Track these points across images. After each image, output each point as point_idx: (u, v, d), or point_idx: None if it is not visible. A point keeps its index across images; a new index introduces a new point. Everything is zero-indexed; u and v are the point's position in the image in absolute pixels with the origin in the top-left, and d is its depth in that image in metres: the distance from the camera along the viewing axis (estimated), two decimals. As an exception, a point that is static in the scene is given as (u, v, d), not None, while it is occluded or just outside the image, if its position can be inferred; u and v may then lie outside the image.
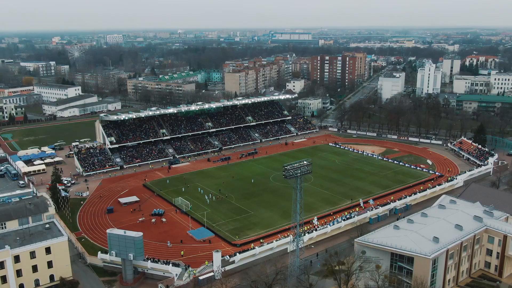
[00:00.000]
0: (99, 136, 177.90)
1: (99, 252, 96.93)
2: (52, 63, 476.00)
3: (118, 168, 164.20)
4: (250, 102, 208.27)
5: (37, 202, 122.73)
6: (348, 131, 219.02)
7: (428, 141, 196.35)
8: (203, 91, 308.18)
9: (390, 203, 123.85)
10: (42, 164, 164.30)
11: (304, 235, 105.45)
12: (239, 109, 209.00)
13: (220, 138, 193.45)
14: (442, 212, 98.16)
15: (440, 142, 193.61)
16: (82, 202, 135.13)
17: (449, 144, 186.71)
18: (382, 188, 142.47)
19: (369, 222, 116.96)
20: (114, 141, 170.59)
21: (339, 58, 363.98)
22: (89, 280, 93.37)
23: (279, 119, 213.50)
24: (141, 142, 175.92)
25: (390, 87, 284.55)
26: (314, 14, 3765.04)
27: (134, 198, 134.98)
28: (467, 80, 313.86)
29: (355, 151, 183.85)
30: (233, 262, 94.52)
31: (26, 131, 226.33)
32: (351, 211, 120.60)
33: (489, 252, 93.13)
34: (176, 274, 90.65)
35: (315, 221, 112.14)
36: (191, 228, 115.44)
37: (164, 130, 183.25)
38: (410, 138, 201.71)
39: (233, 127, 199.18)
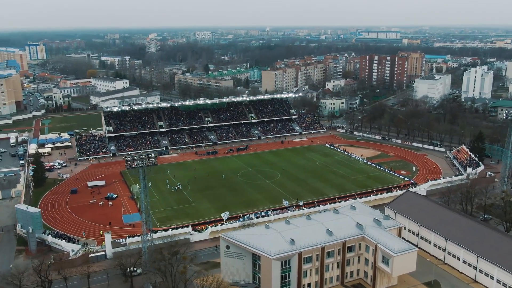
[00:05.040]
0: (103, 125, 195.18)
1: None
2: (127, 57, 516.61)
3: (111, 155, 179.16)
4: (248, 99, 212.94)
5: (11, 179, 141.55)
6: (355, 133, 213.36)
7: (431, 147, 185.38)
8: (238, 87, 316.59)
9: (319, 206, 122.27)
10: (49, 147, 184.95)
11: (207, 228, 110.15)
12: (244, 106, 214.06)
13: (218, 133, 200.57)
14: (329, 217, 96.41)
15: (443, 149, 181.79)
16: (59, 182, 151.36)
17: (447, 152, 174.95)
18: (340, 191, 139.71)
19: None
20: (112, 130, 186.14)
21: (388, 58, 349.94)
22: (7, 247, 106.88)
23: (284, 118, 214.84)
24: (137, 132, 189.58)
25: (426, 89, 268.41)
26: (423, 11, 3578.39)
27: (101, 182, 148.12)
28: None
29: (344, 153, 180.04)
30: (125, 244, 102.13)
31: (64, 118, 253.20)
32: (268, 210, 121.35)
33: (367, 262, 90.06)
34: (73, 250, 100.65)
35: (223, 216, 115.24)
36: (124, 212, 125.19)
37: (161, 123, 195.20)
38: (414, 144, 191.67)
39: (232, 123, 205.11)
